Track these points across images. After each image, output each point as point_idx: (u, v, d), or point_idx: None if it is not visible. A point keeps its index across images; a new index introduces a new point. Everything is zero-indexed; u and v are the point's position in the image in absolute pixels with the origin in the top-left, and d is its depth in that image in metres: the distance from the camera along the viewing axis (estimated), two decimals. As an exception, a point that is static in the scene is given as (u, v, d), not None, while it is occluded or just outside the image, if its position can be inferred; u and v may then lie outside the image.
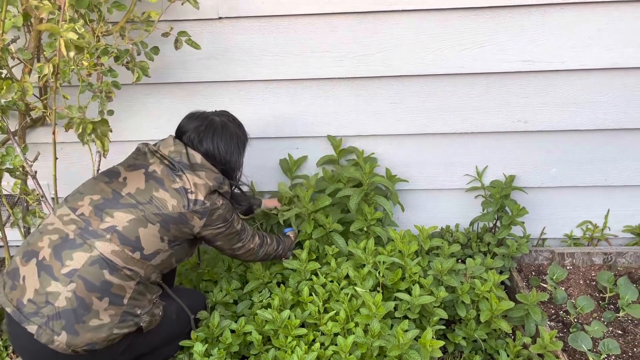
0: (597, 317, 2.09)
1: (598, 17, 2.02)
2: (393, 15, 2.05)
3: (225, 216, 1.76)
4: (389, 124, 2.27)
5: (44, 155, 2.12)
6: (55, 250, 1.55)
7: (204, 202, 1.67)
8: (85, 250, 1.54)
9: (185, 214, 1.65)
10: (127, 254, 1.57)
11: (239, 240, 1.88)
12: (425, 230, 2.10)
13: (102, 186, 1.66)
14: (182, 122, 1.81)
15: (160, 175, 1.66)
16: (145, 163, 1.70)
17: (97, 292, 1.53)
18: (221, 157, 1.78)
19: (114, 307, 1.57)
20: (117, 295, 1.57)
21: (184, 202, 1.64)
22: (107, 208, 1.60)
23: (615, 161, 2.31)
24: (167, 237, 1.64)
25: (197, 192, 1.66)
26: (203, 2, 2.02)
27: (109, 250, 1.55)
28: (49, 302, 1.51)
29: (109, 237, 1.56)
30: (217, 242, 1.82)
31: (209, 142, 1.76)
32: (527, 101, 2.19)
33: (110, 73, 1.89)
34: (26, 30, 1.99)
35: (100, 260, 1.54)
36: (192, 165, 1.69)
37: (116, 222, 1.58)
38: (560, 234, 2.51)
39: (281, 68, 2.16)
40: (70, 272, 1.52)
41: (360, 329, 1.75)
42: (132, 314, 1.61)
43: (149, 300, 1.67)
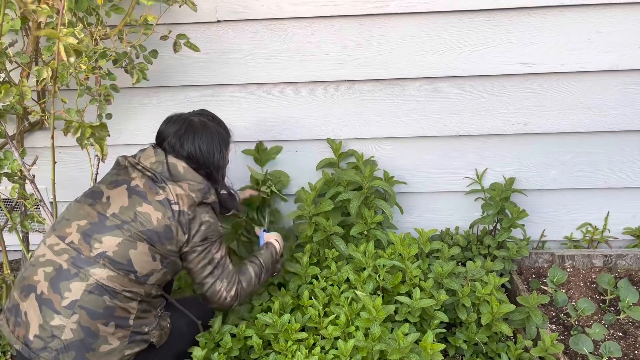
0: (598, 320, 2.09)
1: (597, 19, 2.02)
2: (392, 18, 2.05)
3: (207, 235, 1.69)
4: (389, 127, 2.27)
5: (42, 159, 2.10)
6: (52, 283, 1.53)
7: (188, 214, 1.63)
8: (81, 279, 1.52)
9: (170, 227, 1.60)
10: (123, 278, 1.55)
11: (210, 274, 1.73)
12: (425, 233, 2.09)
13: (87, 209, 1.62)
14: (161, 127, 1.77)
15: (143, 189, 1.62)
16: (127, 178, 1.66)
17: (101, 319, 1.52)
18: (204, 159, 1.72)
19: (121, 330, 1.56)
20: (122, 317, 1.56)
21: (168, 213, 1.60)
22: (95, 233, 1.56)
23: (614, 163, 2.31)
24: (159, 255, 1.61)
25: (180, 202, 1.61)
26: (202, 5, 2.02)
27: (105, 276, 1.53)
28: (55, 336, 1.50)
29: (102, 262, 1.53)
30: (189, 264, 1.70)
31: (190, 145, 1.70)
32: (526, 103, 2.19)
33: (109, 76, 1.88)
34: (24, 33, 1.98)
35: (99, 287, 1.52)
36: (173, 176, 1.65)
37: (105, 247, 1.55)
38: (560, 236, 2.51)
39: (280, 71, 2.16)
40: (71, 303, 1.50)
41: (361, 332, 1.74)
42: (140, 333, 1.60)
43: (154, 316, 1.66)
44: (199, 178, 1.70)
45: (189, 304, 1.90)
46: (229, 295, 1.76)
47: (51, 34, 1.43)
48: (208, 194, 1.70)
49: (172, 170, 1.66)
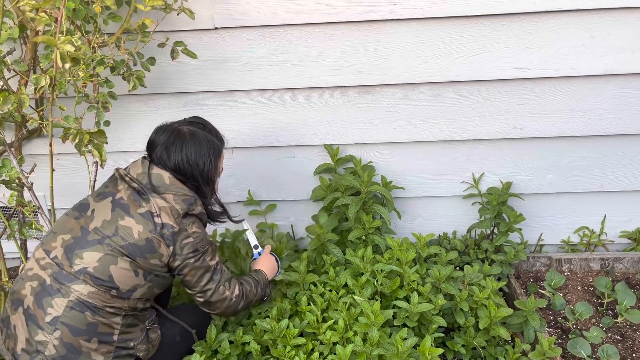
0: (595, 323, 2.09)
1: (591, 24, 2.04)
2: (388, 24, 2.07)
3: (196, 246, 1.64)
4: (386, 132, 2.28)
5: (40, 166, 2.11)
6: (36, 298, 1.53)
7: (172, 226, 1.58)
8: (63, 295, 1.51)
9: (152, 240, 1.56)
10: (105, 294, 1.53)
11: (210, 280, 1.70)
12: (422, 238, 2.10)
13: (72, 223, 1.60)
14: (151, 137, 1.71)
15: (127, 201, 1.59)
16: (114, 190, 1.64)
17: (84, 335, 1.51)
18: (192, 170, 1.67)
19: (105, 346, 1.54)
20: (106, 333, 1.54)
21: (150, 226, 1.56)
22: (77, 249, 1.55)
23: (610, 167, 2.32)
24: (141, 270, 1.57)
25: (162, 215, 1.57)
26: (199, 12, 2.03)
27: (86, 292, 1.51)
28: (39, 351, 1.50)
29: (83, 278, 1.51)
30: (185, 278, 1.67)
31: (177, 156, 1.64)
32: (522, 108, 2.21)
33: (107, 84, 1.89)
34: (22, 42, 1.99)
35: (80, 304, 1.51)
36: (157, 188, 1.61)
37: (86, 263, 1.53)
38: (557, 240, 2.52)
39: (277, 77, 2.17)
40: (53, 320, 1.50)
41: (359, 337, 1.74)
42: (125, 348, 1.59)
43: (141, 329, 1.64)
44: (185, 189, 1.65)
45: (183, 312, 1.89)
46: (234, 295, 1.75)
47: (49, 41, 1.45)
48: (194, 205, 1.66)
49: (157, 182, 1.62)
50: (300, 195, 2.44)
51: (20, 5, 1.65)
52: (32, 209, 1.93)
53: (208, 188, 1.75)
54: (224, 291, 1.73)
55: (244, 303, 1.79)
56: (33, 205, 1.93)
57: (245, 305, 1.82)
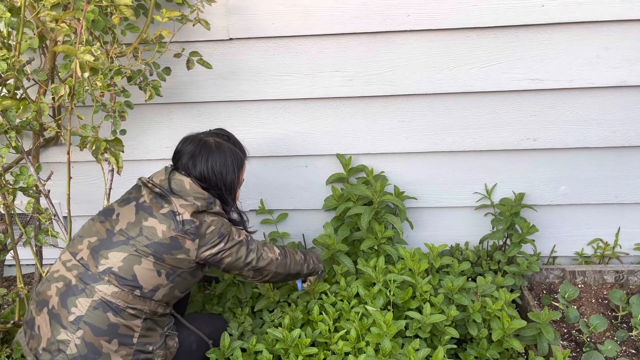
0: (610, 336, 2.07)
1: (605, 36, 2.04)
2: (401, 35, 2.08)
3: (220, 231, 1.69)
4: (398, 142, 2.29)
5: (57, 174, 2.14)
6: (61, 298, 1.56)
7: (193, 221, 1.62)
8: (87, 295, 1.55)
9: (177, 238, 1.61)
10: (128, 294, 1.56)
11: (248, 250, 1.76)
12: (435, 249, 2.09)
13: (98, 227, 1.66)
14: (178, 147, 1.78)
15: (149, 204, 1.65)
16: (137, 196, 1.69)
17: (105, 336, 1.54)
18: (216, 179, 1.74)
19: (124, 348, 1.57)
20: (126, 335, 1.57)
21: (173, 225, 1.60)
22: (103, 249, 1.59)
23: (625, 178, 2.31)
24: (164, 270, 1.61)
25: (184, 212, 1.62)
26: (214, 23, 2.06)
27: (110, 292, 1.55)
28: (61, 350, 1.53)
29: (107, 279, 1.55)
30: (225, 261, 1.72)
31: (202, 165, 1.71)
32: (535, 119, 2.20)
33: (123, 93, 1.92)
34: (41, 52, 2.03)
35: (103, 304, 1.54)
36: (177, 192, 1.67)
37: (111, 263, 1.57)
38: (571, 251, 2.50)
39: (291, 87, 2.19)
40: (76, 319, 1.53)
41: (372, 348, 1.73)
42: (144, 352, 1.61)
43: (160, 335, 1.66)
44: (205, 193, 1.70)
45: (200, 321, 1.90)
46: (277, 254, 1.83)
47: (69, 51, 1.47)
48: (213, 204, 1.71)
49: (177, 187, 1.68)
50: (312, 204, 2.45)
51: (41, 16, 1.69)
52: (49, 216, 1.96)
53: (230, 197, 1.81)
54: (267, 254, 1.80)
55: (290, 261, 1.88)
56: (49, 213, 1.96)
57: (295, 265, 1.90)
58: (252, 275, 1.81)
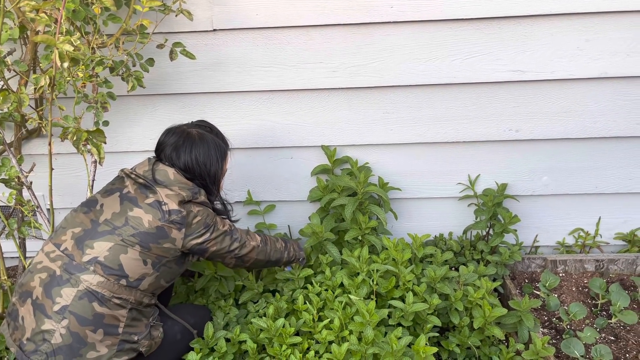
0: (589, 324, 2.11)
1: (586, 28, 2.06)
2: (384, 26, 2.09)
3: (206, 221, 1.72)
4: (382, 134, 2.30)
5: (40, 166, 2.13)
6: (45, 289, 1.57)
7: (180, 211, 1.65)
8: (72, 285, 1.55)
9: (163, 227, 1.63)
10: (113, 283, 1.57)
11: (232, 240, 1.81)
12: (418, 238, 2.11)
13: (82, 217, 1.66)
14: (160, 138, 1.80)
15: (134, 194, 1.66)
16: (121, 186, 1.70)
17: (90, 325, 1.54)
18: (200, 170, 1.76)
19: (110, 338, 1.58)
20: (111, 325, 1.58)
21: (159, 215, 1.62)
22: (87, 239, 1.60)
23: (605, 169, 2.34)
24: (150, 259, 1.63)
25: (170, 202, 1.64)
26: (198, 14, 2.05)
27: (95, 282, 1.55)
28: (45, 339, 1.53)
29: (93, 268, 1.56)
30: (210, 250, 1.76)
31: (186, 156, 1.74)
32: (517, 110, 2.23)
33: (106, 84, 1.91)
34: (22, 42, 2.01)
35: (88, 294, 1.55)
36: (161, 182, 1.69)
37: (97, 252, 1.58)
38: (552, 241, 2.53)
39: (275, 79, 2.19)
40: (61, 309, 1.54)
41: (355, 336, 1.75)
42: (129, 341, 1.62)
43: (145, 325, 1.67)
44: (189, 183, 1.73)
45: (184, 311, 1.91)
46: (259, 241, 1.91)
47: (48, 40, 1.46)
48: (198, 194, 1.73)
49: (161, 177, 1.70)
50: (297, 196, 2.46)
51: (21, 6, 1.67)
52: (31, 208, 1.95)
53: (214, 187, 1.84)
54: (249, 242, 1.87)
55: (270, 248, 1.96)
56: (32, 205, 1.95)
57: (275, 253, 1.98)
58: (235, 263, 1.88)
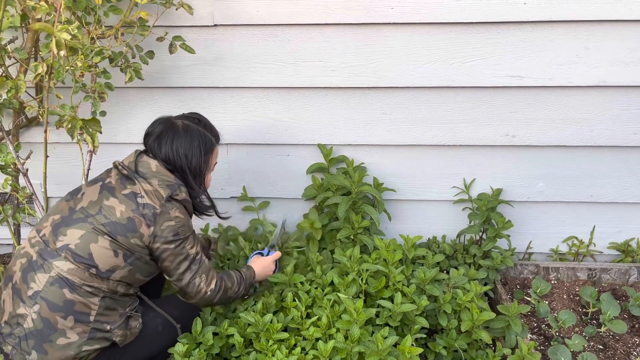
0: (579, 332, 2.10)
1: (586, 35, 2.06)
2: (385, 27, 2.09)
3: (177, 230, 1.67)
4: (379, 135, 2.30)
5: (37, 154, 2.14)
6: (23, 273, 1.59)
7: (154, 207, 1.63)
8: (45, 270, 1.57)
9: (134, 219, 1.61)
10: (84, 271, 1.57)
11: (188, 269, 1.73)
12: (410, 240, 2.12)
13: (63, 205, 1.68)
14: (148, 128, 1.78)
15: (114, 185, 1.66)
16: (105, 177, 1.71)
17: (60, 312, 1.55)
18: (181, 162, 1.72)
19: (80, 325, 1.58)
20: (82, 312, 1.58)
21: (132, 206, 1.61)
22: (63, 226, 1.61)
23: (601, 178, 2.34)
24: (121, 251, 1.61)
25: (145, 196, 1.62)
26: (199, 9, 2.06)
27: (66, 268, 1.56)
28: (19, 323, 1.56)
29: (64, 255, 1.57)
30: (163, 264, 1.70)
31: (167, 147, 1.71)
32: (515, 116, 2.23)
33: (104, 75, 1.93)
34: (24, 30, 2.03)
35: (59, 280, 1.55)
36: (143, 174, 1.67)
37: (69, 240, 1.58)
38: (546, 248, 2.53)
39: (274, 76, 2.20)
40: (34, 294, 1.55)
41: (341, 334, 1.76)
42: (101, 330, 1.61)
43: (120, 315, 1.66)
44: (171, 177, 1.70)
45: (170, 304, 1.90)
46: (209, 289, 1.78)
47: (45, 28, 1.48)
48: (177, 190, 1.70)
49: (143, 169, 1.68)
50: (292, 193, 2.47)
51: (22, -6, 1.69)
52: (27, 195, 1.97)
53: (196, 181, 1.80)
54: (200, 283, 1.76)
55: (220, 297, 1.82)
56: (27, 192, 1.96)
57: (223, 300, 1.86)
58: (178, 290, 1.80)
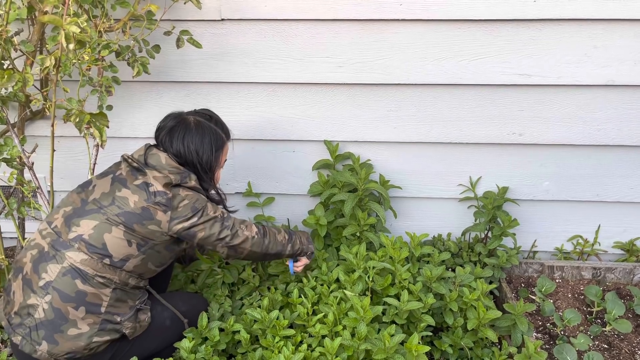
0: (583, 331, 2.10)
1: (594, 34, 2.05)
2: (393, 24, 2.08)
3: (194, 205, 1.69)
4: (386, 131, 2.29)
5: (42, 148, 2.13)
6: (34, 264, 1.59)
7: (165, 192, 1.64)
8: (58, 261, 1.57)
9: (148, 208, 1.62)
10: (97, 262, 1.58)
11: (222, 227, 1.74)
12: (416, 237, 2.11)
13: (74, 197, 1.68)
14: (160, 123, 1.80)
15: (125, 176, 1.67)
16: (115, 169, 1.72)
17: (72, 302, 1.56)
18: (192, 158, 1.74)
19: (91, 316, 1.58)
20: (94, 303, 1.58)
21: (145, 196, 1.62)
22: (75, 217, 1.62)
23: (607, 177, 2.33)
24: (135, 240, 1.62)
25: (156, 183, 1.63)
26: (206, 3, 2.05)
27: (79, 259, 1.56)
28: (30, 314, 1.56)
29: (77, 246, 1.57)
30: (199, 236, 1.70)
31: (179, 143, 1.72)
32: (522, 114, 2.22)
33: (111, 68, 1.91)
34: (30, 23, 2.02)
35: (72, 271, 1.56)
36: (154, 166, 1.68)
37: (82, 230, 1.59)
38: (551, 247, 2.53)
39: (281, 72, 2.19)
40: (46, 284, 1.56)
41: (348, 332, 1.76)
42: (111, 322, 1.62)
43: (130, 307, 1.67)
44: (180, 168, 1.71)
45: (178, 298, 1.91)
46: (254, 232, 1.81)
47: (54, 21, 1.47)
48: (187, 178, 1.71)
49: (154, 161, 1.69)
50: (297, 189, 2.46)
51: (30, -14, 1.67)
52: (32, 189, 1.96)
53: (207, 176, 1.81)
54: (242, 231, 1.78)
55: (270, 242, 1.85)
56: (32, 185, 1.95)
57: (275, 245, 1.88)
58: (227, 253, 1.80)
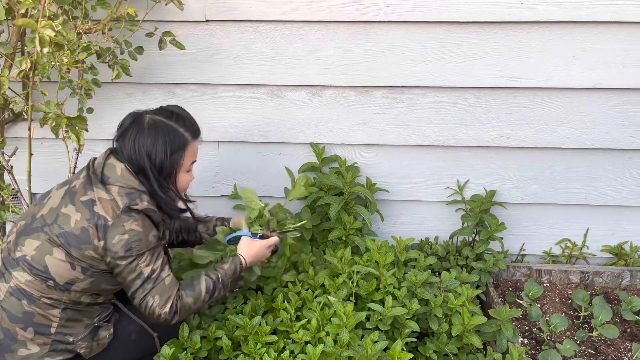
0: (570, 336, 2.09)
1: (582, 37, 2.03)
2: (379, 26, 2.06)
3: (130, 245, 1.50)
4: (373, 134, 2.27)
5: (23, 150, 2.10)
6: None
7: (107, 219, 1.48)
8: (6, 280, 1.52)
9: (87, 229, 1.47)
10: (41, 283, 1.49)
11: (140, 288, 1.54)
12: (402, 242, 2.09)
13: (32, 209, 1.59)
14: (119, 123, 1.62)
15: (77, 189, 1.54)
16: (75, 178, 1.59)
17: (20, 323, 1.50)
18: (144, 163, 1.55)
19: (41, 337, 1.52)
20: (42, 324, 1.52)
21: (87, 215, 1.48)
22: (23, 235, 1.53)
23: (595, 180, 2.32)
24: (78, 264, 1.50)
25: (100, 206, 1.49)
26: (190, 4, 2.02)
27: (24, 280, 1.50)
28: None
29: (22, 266, 1.50)
30: (117, 276, 1.55)
31: (130, 145, 1.54)
32: (510, 117, 2.20)
33: (91, 71, 1.88)
34: (10, 24, 1.98)
35: (17, 291, 1.50)
36: (107, 178, 1.53)
37: (26, 250, 1.50)
38: (539, 250, 2.51)
39: (266, 73, 2.16)
40: None
41: (331, 338, 1.73)
42: (63, 342, 1.55)
43: (85, 326, 1.59)
44: (134, 182, 1.55)
45: None
46: (163, 312, 1.56)
47: (28, 24, 1.44)
48: (138, 199, 1.53)
49: (108, 172, 1.54)
50: (284, 192, 2.43)
51: (7, -13, 1.64)
52: (12, 192, 1.93)
53: (163, 184, 1.61)
54: (152, 304, 1.55)
55: (181, 317, 1.62)
56: (12, 189, 1.92)
57: (189, 314, 1.69)
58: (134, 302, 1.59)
